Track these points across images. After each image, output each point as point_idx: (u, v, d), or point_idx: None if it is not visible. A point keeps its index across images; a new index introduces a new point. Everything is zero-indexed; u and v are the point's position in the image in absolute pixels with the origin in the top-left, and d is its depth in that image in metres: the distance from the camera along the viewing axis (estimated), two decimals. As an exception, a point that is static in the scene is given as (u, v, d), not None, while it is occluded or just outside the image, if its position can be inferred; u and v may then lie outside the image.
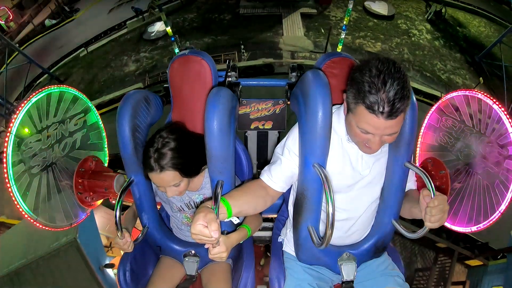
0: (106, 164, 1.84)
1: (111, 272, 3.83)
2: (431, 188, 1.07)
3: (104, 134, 1.88)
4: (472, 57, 9.76)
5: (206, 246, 1.12)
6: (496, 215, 1.44)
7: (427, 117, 1.76)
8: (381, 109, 0.97)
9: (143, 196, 1.36)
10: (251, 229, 1.32)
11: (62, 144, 1.63)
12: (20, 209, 1.43)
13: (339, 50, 7.23)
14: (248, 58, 9.08)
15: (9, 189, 1.38)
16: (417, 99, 1.17)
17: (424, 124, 1.77)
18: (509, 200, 1.40)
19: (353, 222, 1.28)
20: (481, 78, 8.19)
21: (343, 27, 7.41)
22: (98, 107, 4.87)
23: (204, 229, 1.00)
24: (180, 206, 1.42)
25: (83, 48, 10.77)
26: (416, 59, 9.50)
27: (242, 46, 9.20)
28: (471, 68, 9.55)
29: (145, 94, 1.37)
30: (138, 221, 1.46)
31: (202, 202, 1.39)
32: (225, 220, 1.16)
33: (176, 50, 7.02)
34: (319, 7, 10.94)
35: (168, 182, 1.23)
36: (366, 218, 1.29)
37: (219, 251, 1.12)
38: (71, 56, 10.44)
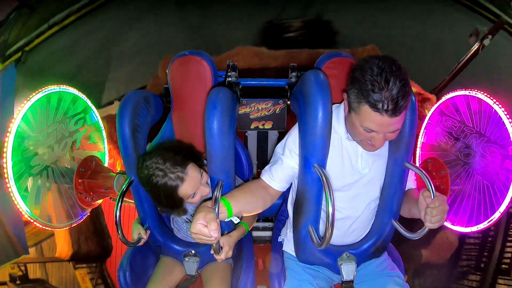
0: (106, 164, 1.85)
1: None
2: (431, 189, 1.07)
3: (104, 134, 1.88)
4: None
5: (212, 252, 1.15)
6: (496, 215, 1.44)
7: (427, 117, 1.76)
8: (385, 107, 0.98)
9: (143, 196, 1.36)
10: (248, 225, 1.35)
11: (62, 144, 1.63)
12: (20, 209, 1.43)
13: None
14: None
15: (9, 189, 1.38)
16: None
17: (424, 124, 1.77)
18: (509, 200, 1.40)
19: (352, 221, 1.28)
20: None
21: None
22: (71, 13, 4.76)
23: (203, 228, 1.00)
24: (186, 218, 1.42)
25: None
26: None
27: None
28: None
29: (145, 94, 1.37)
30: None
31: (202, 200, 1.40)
32: (225, 220, 1.16)
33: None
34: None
35: (197, 177, 1.24)
36: (365, 217, 1.29)
37: (225, 253, 1.18)
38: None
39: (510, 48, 3.29)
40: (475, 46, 2.43)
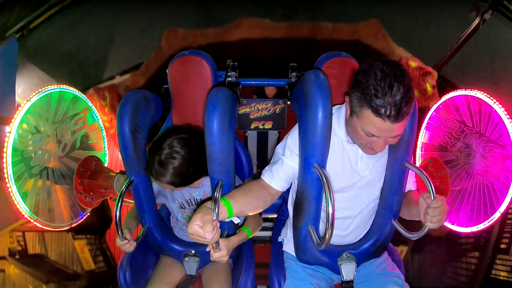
0: (106, 164, 1.85)
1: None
2: (431, 189, 1.07)
3: (104, 134, 1.88)
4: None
5: (207, 249, 1.13)
6: (496, 215, 1.44)
7: (427, 117, 1.76)
8: (388, 113, 0.96)
9: (143, 196, 1.36)
10: (251, 230, 1.33)
11: (62, 144, 1.63)
12: (20, 209, 1.43)
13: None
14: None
15: (9, 189, 1.39)
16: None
17: (424, 124, 1.77)
18: (509, 200, 1.40)
19: (351, 220, 1.28)
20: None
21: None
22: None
23: (199, 229, 1.00)
24: (181, 202, 1.42)
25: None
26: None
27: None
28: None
29: (145, 94, 1.37)
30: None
31: (202, 200, 1.40)
32: (225, 220, 1.16)
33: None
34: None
35: (167, 188, 1.30)
36: (364, 217, 1.29)
37: (221, 255, 1.15)
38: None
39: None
40: (476, 21, 2.43)
